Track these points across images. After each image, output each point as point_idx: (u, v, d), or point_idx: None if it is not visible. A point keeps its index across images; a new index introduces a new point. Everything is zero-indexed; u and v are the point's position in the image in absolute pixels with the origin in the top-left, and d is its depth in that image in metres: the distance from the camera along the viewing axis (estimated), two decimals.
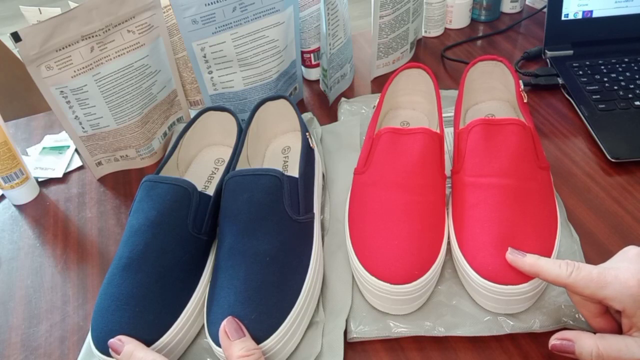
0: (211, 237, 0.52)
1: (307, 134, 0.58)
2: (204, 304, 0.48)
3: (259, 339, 0.43)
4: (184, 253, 0.48)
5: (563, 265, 0.42)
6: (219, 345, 0.43)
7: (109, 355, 0.43)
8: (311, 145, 0.58)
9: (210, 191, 0.59)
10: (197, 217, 0.50)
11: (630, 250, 0.42)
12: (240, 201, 0.48)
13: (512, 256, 0.45)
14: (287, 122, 0.65)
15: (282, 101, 0.62)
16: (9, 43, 0.63)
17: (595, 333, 0.41)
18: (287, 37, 0.66)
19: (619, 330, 0.43)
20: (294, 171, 0.60)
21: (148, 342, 0.44)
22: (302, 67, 0.79)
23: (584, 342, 0.40)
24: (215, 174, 0.62)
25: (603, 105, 0.67)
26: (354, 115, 0.71)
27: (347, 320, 0.48)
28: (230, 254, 0.47)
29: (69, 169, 0.69)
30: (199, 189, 0.52)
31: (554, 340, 0.42)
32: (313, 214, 0.52)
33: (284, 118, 0.64)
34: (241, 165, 0.57)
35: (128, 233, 0.48)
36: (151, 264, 0.46)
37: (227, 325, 0.42)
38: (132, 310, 0.44)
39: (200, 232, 0.50)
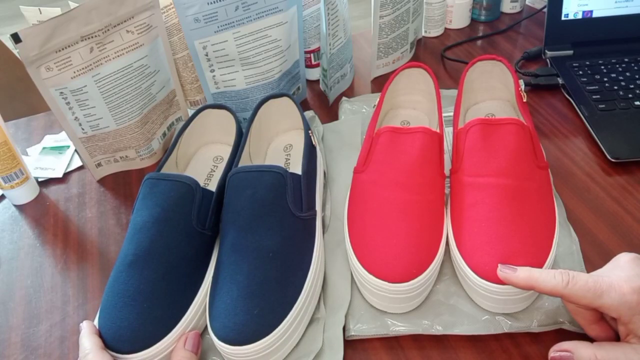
0: (215, 232, 0.52)
1: (309, 131, 0.58)
2: None
3: (260, 334, 0.43)
4: (189, 248, 0.48)
5: (558, 275, 0.41)
6: (221, 339, 0.43)
7: (117, 351, 0.43)
8: (313, 143, 0.58)
9: (211, 188, 0.59)
10: (200, 213, 0.50)
11: (622, 257, 0.42)
12: (244, 197, 0.48)
13: (503, 274, 0.44)
14: (289, 120, 0.65)
15: (284, 99, 0.62)
16: (9, 43, 0.63)
17: (592, 341, 0.41)
18: (290, 37, 0.66)
19: (614, 336, 0.43)
20: (295, 169, 0.60)
21: (157, 338, 0.44)
22: None
23: (582, 352, 0.41)
24: (214, 171, 0.62)
25: (603, 105, 0.67)
26: (355, 114, 0.71)
27: (345, 317, 0.48)
28: (233, 250, 0.47)
29: (69, 169, 0.69)
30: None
31: (552, 353, 0.42)
32: (315, 211, 0.53)
33: (286, 116, 0.64)
34: (243, 163, 0.58)
35: (132, 230, 0.48)
36: (157, 260, 0.46)
37: (192, 338, 0.45)
38: (140, 307, 0.44)
39: (205, 227, 0.50)
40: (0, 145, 0.60)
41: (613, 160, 0.61)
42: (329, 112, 0.74)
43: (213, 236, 0.52)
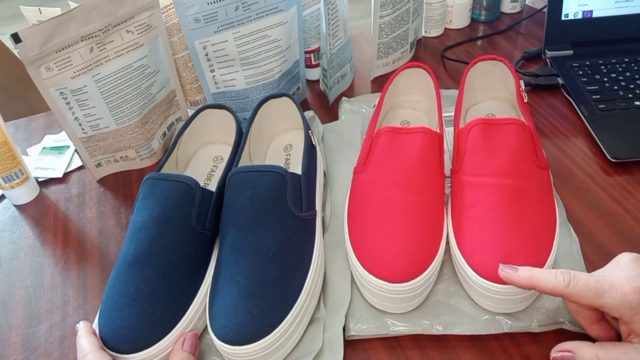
0: (215, 232, 0.52)
1: (309, 131, 0.58)
2: None
3: (260, 334, 0.43)
4: (189, 248, 0.48)
5: (559, 275, 0.41)
6: (221, 339, 0.43)
7: (117, 351, 0.43)
8: (313, 143, 0.58)
9: (211, 188, 0.59)
10: (200, 213, 0.50)
11: (622, 257, 0.42)
12: (244, 197, 0.48)
13: (505, 273, 0.44)
14: (289, 120, 0.65)
15: (285, 99, 0.62)
16: (9, 43, 0.63)
17: (593, 341, 0.41)
18: (290, 37, 0.66)
19: (616, 336, 0.43)
20: (295, 169, 0.60)
21: (157, 338, 0.44)
22: None
23: (584, 352, 0.40)
24: (214, 171, 0.62)
25: (603, 105, 0.67)
26: (355, 114, 0.71)
27: (345, 317, 0.48)
28: (233, 250, 0.47)
29: (69, 169, 0.69)
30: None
31: (554, 353, 0.42)
32: (315, 211, 0.53)
33: (286, 116, 0.64)
34: (243, 163, 0.58)
35: (132, 230, 0.48)
36: (157, 260, 0.46)
37: (190, 339, 0.45)
38: (140, 307, 0.44)
39: (204, 227, 0.50)
40: (0, 145, 0.60)
41: (613, 160, 0.61)
42: (329, 112, 0.74)
43: (213, 236, 0.52)
